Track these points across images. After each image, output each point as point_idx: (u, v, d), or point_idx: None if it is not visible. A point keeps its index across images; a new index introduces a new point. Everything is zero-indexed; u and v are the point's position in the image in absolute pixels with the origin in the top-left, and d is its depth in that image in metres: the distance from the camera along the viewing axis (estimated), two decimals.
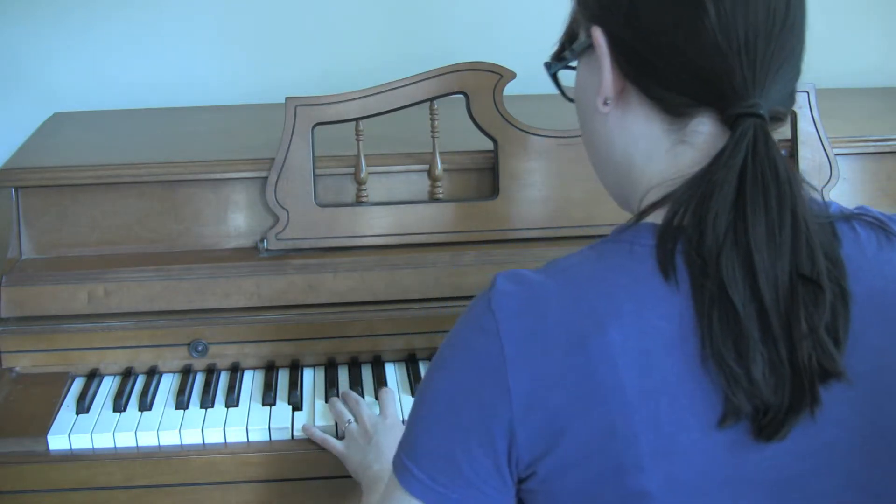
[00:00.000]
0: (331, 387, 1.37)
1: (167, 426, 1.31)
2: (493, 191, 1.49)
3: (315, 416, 1.32)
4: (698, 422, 0.77)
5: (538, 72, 1.81)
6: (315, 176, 1.46)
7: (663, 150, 0.83)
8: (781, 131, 1.55)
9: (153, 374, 1.41)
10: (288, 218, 1.45)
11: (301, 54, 1.97)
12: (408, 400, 1.35)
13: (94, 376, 1.41)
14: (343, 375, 1.42)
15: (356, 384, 1.38)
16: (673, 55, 0.79)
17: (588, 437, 0.77)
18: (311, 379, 1.42)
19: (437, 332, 1.43)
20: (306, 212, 1.45)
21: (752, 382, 0.74)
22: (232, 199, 1.49)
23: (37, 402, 1.35)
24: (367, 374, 1.42)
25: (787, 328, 0.75)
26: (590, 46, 0.84)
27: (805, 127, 1.49)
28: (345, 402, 1.33)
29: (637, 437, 0.76)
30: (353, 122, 1.45)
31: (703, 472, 0.78)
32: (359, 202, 1.48)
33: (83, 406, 1.34)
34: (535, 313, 0.78)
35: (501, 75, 1.45)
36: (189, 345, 1.41)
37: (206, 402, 1.35)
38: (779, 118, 0.81)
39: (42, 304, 1.40)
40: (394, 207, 1.48)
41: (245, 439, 1.30)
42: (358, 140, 1.45)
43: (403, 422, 1.27)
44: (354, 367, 1.43)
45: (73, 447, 1.29)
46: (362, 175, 1.47)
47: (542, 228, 1.48)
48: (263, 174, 1.46)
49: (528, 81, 1.54)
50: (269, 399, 1.35)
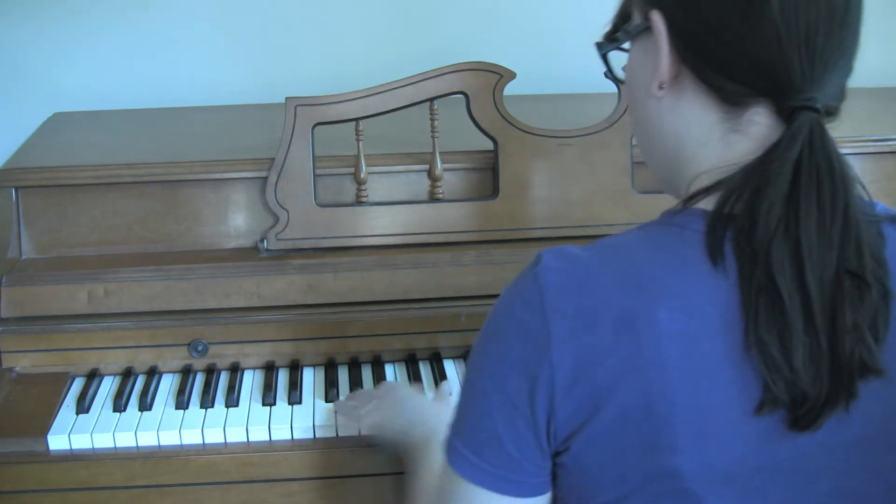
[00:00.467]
0: (331, 387, 1.37)
1: (167, 426, 1.31)
2: (493, 191, 1.49)
3: (315, 416, 1.32)
4: (736, 408, 0.78)
5: (538, 72, 1.82)
6: (315, 176, 1.46)
7: (716, 138, 0.83)
8: None
9: (153, 374, 1.41)
10: (288, 218, 1.45)
11: (301, 54, 1.97)
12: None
13: (94, 376, 1.41)
14: (343, 375, 1.42)
15: (356, 384, 1.38)
16: (733, 43, 0.79)
17: (625, 414, 0.78)
18: (311, 379, 1.42)
19: (437, 332, 1.43)
20: (306, 212, 1.45)
21: (794, 372, 0.75)
22: (232, 199, 1.49)
23: (37, 402, 1.35)
24: (367, 374, 1.42)
25: (830, 321, 0.76)
26: (646, 29, 0.84)
27: None
28: (353, 400, 1.33)
29: (674, 418, 0.77)
30: (353, 122, 1.45)
31: (735, 457, 0.79)
32: (359, 202, 1.48)
33: (83, 406, 1.34)
34: (582, 290, 0.79)
35: (501, 75, 1.45)
36: (189, 345, 1.41)
37: (206, 402, 1.35)
38: (831, 112, 0.82)
39: (42, 304, 1.40)
40: (394, 207, 1.48)
41: (245, 439, 1.30)
42: (358, 140, 1.46)
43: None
44: (354, 367, 1.43)
45: (73, 447, 1.29)
46: (362, 175, 1.47)
47: (542, 228, 1.48)
48: (263, 174, 1.46)
49: (528, 81, 1.55)
50: (269, 399, 1.35)
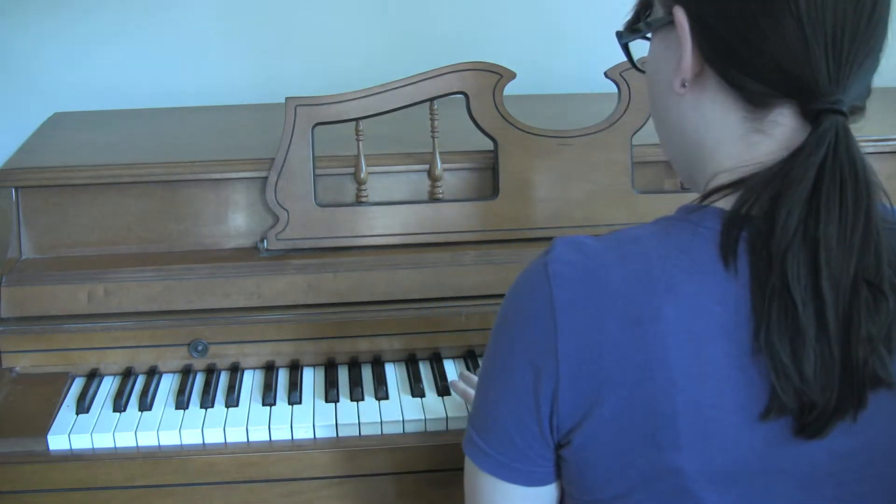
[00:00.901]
0: (331, 387, 1.37)
1: (167, 426, 1.31)
2: (493, 191, 1.49)
3: (315, 416, 1.32)
4: (740, 410, 0.77)
5: (538, 72, 1.82)
6: (315, 176, 1.46)
7: (737, 136, 0.82)
8: None
9: (153, 374, 1.41)
10: (288, 218, 1.45)
11: (301, 54, 1.97)
12: (408, 400, 1.35)
13: (94, 376, 1.41)
14: (343, 375, 1.42)
15: (356, 384, 1.38)
16: (758, 43, 0.78)
17: (627, 410, 0.78)
18: (311, 379, 1.41)
19: (437, 332, 1.43)
20: (306, 212, 1.45)
21: (804, 380, 0.75)
22: (232, 199, 1.49)
23: (37, 402, 1.35)
24: (367, 374, 1.42)
25: (844, 330, 0.75)
26: (669, 23, 0.83)
27: None
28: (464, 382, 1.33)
29: (677, 417, 0.77)
30: (353, 122, 1.45)
31: (738, 459, 0.79)
32: (359, 202, 1.48)
33: (83, 406, 1.34)
34: (592, 283, 0.79)
35: (501, 75, 1.45)
36: (189, 345, 1.41)
37: (206, 402, 1.35)
38: (856, 111, 0.81)
39: (42, 304, 1.40)
40: (394, 207, 1.48)
41: (245, 439, 1.30)
42: (358, 140, 1.45)
43: None
44: (354, 367, 1.43)
45: (73, 447, 1.29)
46: (362, 175, 1.47)
47: (542, 228, 1.48)
48: (263, 174, 1.46)
49: (528, 81, 1.55)
50: (269, 399, 1.35)
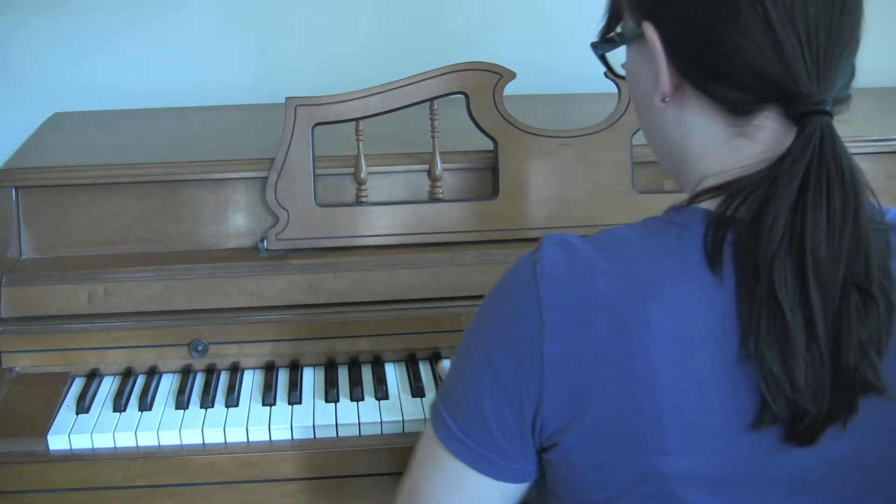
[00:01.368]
0: (331, 387, 1.37)
1: (167, 426, 1.31)
2: (493, 191, 1.49)
3: (315, 416, 1.32)
4: (728, 416, 0.77)
5: (538, 72, 1.82)
6: (315, 176, 1.46)
7: (721, 142, 0.82)
8: None
9: (153, 374, 1.41)
10: (288, 218, 1.45)
11: (301, 54, 1.97)
12: (408, 400, 1.35)
13: (94, 376, 1.41)
14: (343, 375, 1.42)
15: (356, 384, 1.38)
16: (731, 53, 0.77)
17: (613, 415, 0.78)
18: (311, 379, 1.41)
19: (437, 332, 1.43)
20: (306, 212, 1.45)
21: (795, 389, 0.74)
22: (232, 199, 1.49)
23: (37, 402, 1.35)
24: (367, 374, 1.42)
25: (834, 337, 0.74)
26: (641, 35, 0.82)
27: None
28: None
29: (662, 422, 0.77)
30: (353, 122, 1.45)
31: (725, 464, 0.78)
32: (359, 202, 1.48)
33: (83, 406, 1.34)
34: (580, 286, 0.78)
35: (501, 75, 1.45)
36: (189, 345, 1.41)
37: (206, 402, 1.35)
38: (842, 101, 0.80)
39: (42, 304, 1.40)
40: (394, 207, 1.48)
41: (245, 439, 1.30)
42: (358, 140, 1.45)
43: None
44: (354, 367, 1.43)
45: (73, 447, 1.29)
46: (362, 175, 1.47)
47: (542, 228, 1.48)
48: (263, 174, 1.46)
49: (528, 81, 1.55)
50: (269, 399, 1.35)
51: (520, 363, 0.80)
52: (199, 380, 1.41)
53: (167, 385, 1.40)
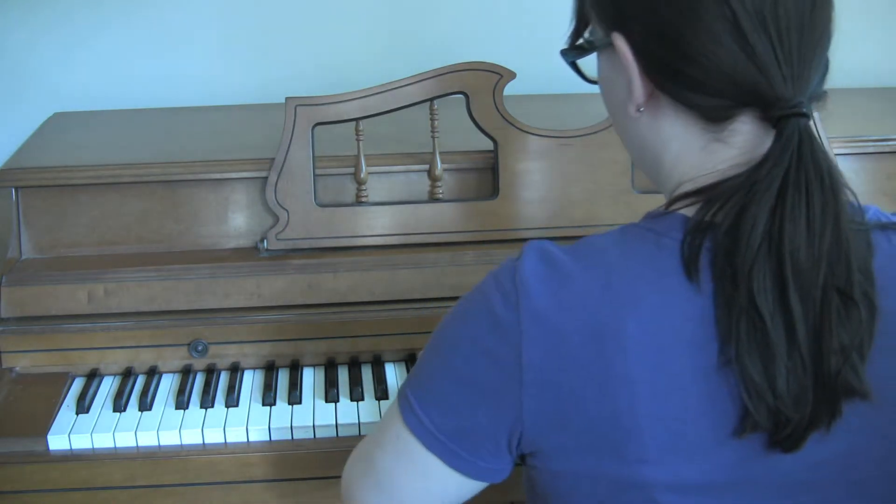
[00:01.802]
0: (331, 387, 1.37)
1: (167, 426, 1.31)
2: (493, 191, 1.49)
3: (315, 416, 1.32)
4: (708, 424, 0.76)
5: (538, 72, 1.82)
6: (315, 176, 1.46)
7: (697, 148, 0.81)
8: None
9: (153, 374, 1.41)
10: (288, 218, 1.45)
11: (301, 54, 1.97)
12: None
13: (94, 376, 1.41)
14: (343, 375, 1.42)
15: (356, 384, 1.38)
16: (702, 60, 0.76)
17: (594, 424, 0.77)
18: (311, 379, 1.42)
19: None
20: (306, 212, 1.45)
21: (777, 396, 0.73)
22: (232, 199, 1.49)
23: (37, 402, 1.35)
24: (367, 374, 1.42)
25: (815, 342, 0.73)
26: (611, 45, 0.81)
27: None
28: None
29: (642, 431, 0.76)
30: (353, 122, 1.45)
31: (707, 472, 0.78)
32: (359, 202, 1.48)
33: (83, 406, 1.34)
34: (557, 295, 0.78)
35: (501, 75, 1.45)
36: (189, 345, 1.41)
37: (206, 402, 1.35)
38: (819, 98, 0.80)
39: (42, 304, 1.40)
40: (394, 207, 1.48)
41: (245, 439, 1.30)
42: (358, 140, 1.46)
43: None
44: (354, 367, 1.43)
45: (73, 447, 1.29)
46: (362, 175, 1.47)
47: (542, 228, 1.48)
48: (263, 174, 1.46)
49: (528, 81, 1.55)
50: (269, 399, 1.35)
51: (499, 370, 0.79)
52: (199, 380, 1.41)
53: (167, 385, 1.40)
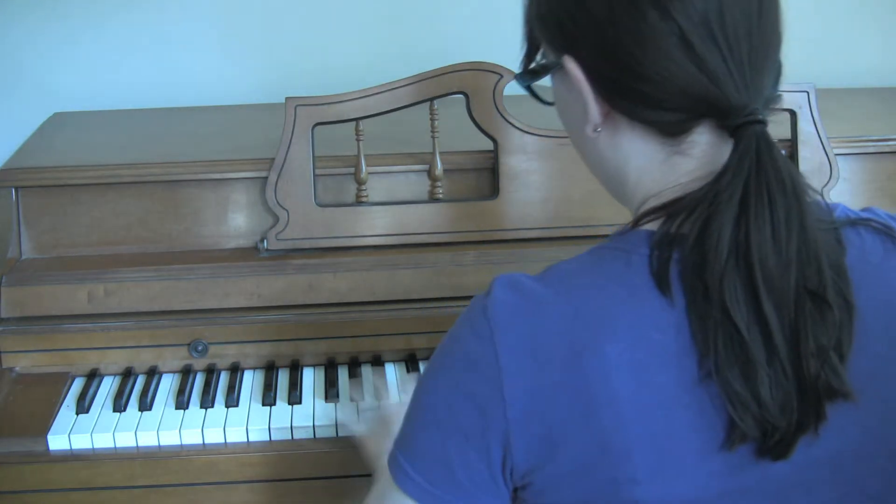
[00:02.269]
0: (331, 387, 1.37)
1: (167, 426, 1.31)
2: (493, 191, 1.49)
3: (315, 416, 1.32)
4: (696, 438, 0.76)
5: None
6: (315, 176, 1.46)
7: (658, 162, 0.81)
8: (780, 131, 1.56)
9: (153, 374, 1.41)
10: (288, 218, 1.45)
11: (301, 54, 1.97)
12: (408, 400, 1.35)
13: (94, 376, 1.41)
14: (343, 375, 1.42)
15: (356, 384, 1.38)
16: (654, 76, 0.76)
17: (583, 451, 0.76)
18: (311, 379, 1.42)
19: (437, 332, 1.42)
20: (306, 212, 1.45)
21: (761, 405, 0.73)
22: (232, 199, 1.49)
23: (37, 402, 1.35)
24: (367, 374, 1.42)
25: (794, 346, 0.73)
26: (563, 67, 0.81)
27: (805, 127, 1.49)
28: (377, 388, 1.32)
29: (631, 451, 0.76)
30: (353, 122, 1.45)
31: (699, 485, 0.77)
32: (359, 202, 1.48)
33: (83, 406, 1.34)
34: (532, 324, 0.77)
35: (501, 75, 1.45)
36: (189, 345, 1.41)
37: (206, 402, 1.35)
38: (773, 101, 0.79)
39: (42, 304, 1.40)
40: (394, 207, 1.48)
41: (245, 439, 1.30)
42: (358, 140, 1.45)
43: None
44: (354, 367, 1.43)
45: (73, 447, 1.29)
46: (362, 175, 1.47)
47: (542, 228, 1.48)
48: (263, 174, 1.46)
49: None
50: (269, 399, 1.35)
51: (482, 410, 0.78)
52: (199, 380, 1.41)
53: (167, 385, 1.40)
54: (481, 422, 0.78)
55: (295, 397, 1.35)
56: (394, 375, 1.42)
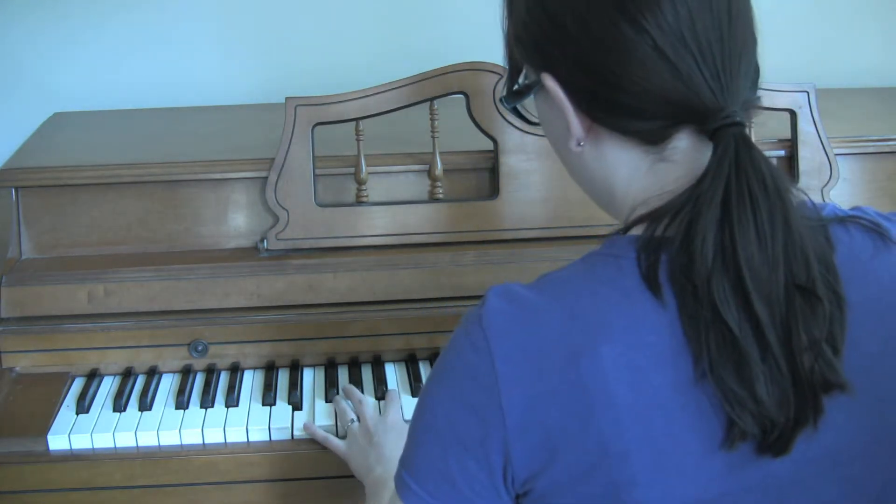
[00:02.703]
0: (331, 387, 1.37)
1: (167, 426, 1.31)
2: (493, 191, 1.49)
3: (315, 416, 1.32)
4: (695, 438, 0.76)
5: None
6: (315, 176, 1.46)
7: (644, 170, 0.82)
8: (780, 131, 1.56)
9: (153, 374, 1.41)
10: (288, 218, 1.45)
11: (301, 54, 1.97)
12: (408, 400, 1.35)
13: (94, 376, 1.41)
14: (343, 375, 1.42)
15: (356, 384, 1.38)
16: (632, 87, 0.77)
17: (582, 456, 0.76)
18: (311, 379, 1.42)
19: (437, 332, 1.43)
20: (306, 212, 1.45)
21: (758, 403, 0.73)
22: (232, 199, 1.49)
23: (37, 402, 1.35)
24: (367, 374, 1.42)
25: (786, 342, 0.74)
26: (543, 85, 0.82)
27: (805, 127, 1.49)
28: (348, 398, 1.33)
29: (629, 454, 0.76)
30: (353, 122, 1.45)
31: (699, 485, 0.77)
32: (359, 202, 1.48)
33: (83, 406, 1.34)
34: (527, 332, 0.78)
35: (501, 75, 1.45)
36: (189, 345, 1.41)
37: (206, 402, 1.35)
38: (751, 103, 0.80)
39: (42, 304, 1.40)
40: (394, 207, 1.48)
41: (245, 439, 1.30)
42: (358, 140, 1.45)
43: (406, 421, 1.27)
44: (354, 367, 1.43)
45: (73, 447, 1.29)
46: (362, 175, 1.47)
47: (541, 228, 1.48)
48: (263, 174, 1.46)
49: None
50: (269, 399, 1.35)
51: (480, 419, 0.78)
52: (199, 380, 1.41)
53: (167, 385, 1.40)
54: (480, 431, 0.78)
55: (295, 397, 1.35)
56: (394, 375, 1.42)
